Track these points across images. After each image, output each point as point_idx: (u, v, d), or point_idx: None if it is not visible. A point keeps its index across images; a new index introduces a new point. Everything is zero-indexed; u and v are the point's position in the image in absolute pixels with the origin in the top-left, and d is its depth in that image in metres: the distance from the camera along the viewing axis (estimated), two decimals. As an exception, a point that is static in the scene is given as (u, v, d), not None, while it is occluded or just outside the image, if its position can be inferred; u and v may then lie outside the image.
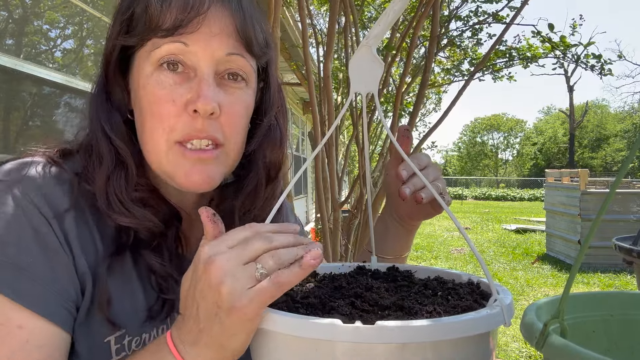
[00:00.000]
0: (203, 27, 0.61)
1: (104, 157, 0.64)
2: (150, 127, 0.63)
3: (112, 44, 0.65)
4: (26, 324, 0.55)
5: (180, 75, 0.63)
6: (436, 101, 8.99)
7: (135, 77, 0.65)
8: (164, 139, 0.62)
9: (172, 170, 0.64)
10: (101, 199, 0.62)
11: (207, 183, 0.65)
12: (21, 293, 0.55)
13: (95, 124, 0.65)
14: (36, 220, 0.58)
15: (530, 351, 3.82)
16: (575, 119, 38.19)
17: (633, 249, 1.16)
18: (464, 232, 0.51)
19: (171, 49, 0.61)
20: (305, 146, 11.64)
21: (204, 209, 0.51)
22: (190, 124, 0.62)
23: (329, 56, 2.26)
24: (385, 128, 1.12)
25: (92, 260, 0.62)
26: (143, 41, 0.63)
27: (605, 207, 0.39)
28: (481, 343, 0.47)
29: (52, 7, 2.50)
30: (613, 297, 0.59)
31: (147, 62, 0.63)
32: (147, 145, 0.64)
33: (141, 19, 0.62)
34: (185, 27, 0.60)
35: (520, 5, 2.56)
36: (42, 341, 0.55)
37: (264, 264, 0.47)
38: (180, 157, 0.63)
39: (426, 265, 6.61)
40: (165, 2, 0.61)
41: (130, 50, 0.65)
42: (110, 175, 0.63)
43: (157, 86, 0.62)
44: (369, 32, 0.59)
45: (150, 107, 0.62)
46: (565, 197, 7.25)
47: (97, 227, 0.64)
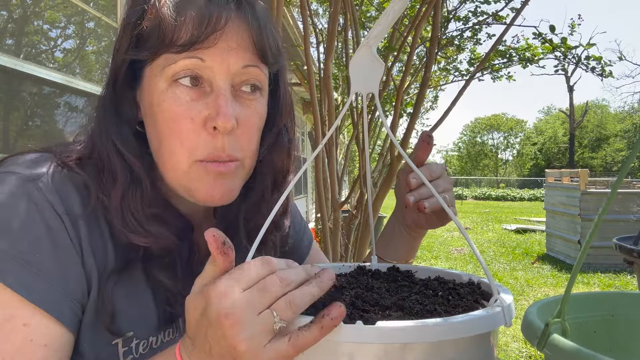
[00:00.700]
0: (220, 42, 0.60)
1: (117, 174, 0.62)
2: (170, 145, 0.61)
3: (121, 58, 0.63)
4: (32, 321, 0.54)
5: (197, 90, 0.61)
6: (432, 99, 9.00)
7: (147, 92, 0.63)
8: (185, 157, 0.61)
9: (193, 187, 0.63)
10: (117, 218, 0.61)
11: (227, 197, 0.65)
12: (29, 289, 0.54)
13: (105, 140, 0.63)
14: (49, 216, 0.57)
15: (530, 351, 3.82)
16: (575, 119, 38.20)
17: (633, 249, 1.15)
18: (465, 232, 0.51)
19: (187, 65, 0.60)
20: (305, 146, 11.64)
21: (212, 236, 0.46)
22: (211, 142, 0.61)
23: (329, 56, 2.26)
24: (385, 128, 1.12)
25: (102, 264, 0.61)
26: (155, 56, 0.61)
27: (606, 208, 0.39)
28: (482, 343, 0.47)
29: (52, 6, 2.50)
30: (614, 297, 0.59)
31: (161, 78, 0.61)
32: (166, 163, 0.63)
33: (153, 33, 0.60)
34: (202, 42, 0.59)
35: (520, 6, 2.56)
36: (46, 340, 0.55)
37: (281, 315, 0.44)
38: (203, 174, 0.62)
39: (426, 265, 6.61)
40: (180, 16, 0.59)
41: (139, 63, 0.63)
42: (124, 194, 0.62)
43: (174, 103, 0.60)
44: (369, 32, 0.59)
45: (168, 124, 0.61)
46: (565, 197, 7.25)
47: (111, 238, 0.63)
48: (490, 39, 3.75)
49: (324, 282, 0.47)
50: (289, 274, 0.47)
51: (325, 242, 2.44)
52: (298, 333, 0.44)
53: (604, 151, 44.56)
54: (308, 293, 0.46)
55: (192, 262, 0.69)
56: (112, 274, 0.61)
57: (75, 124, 2.46)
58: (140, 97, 0.66)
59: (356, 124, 2.83)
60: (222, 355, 0.45)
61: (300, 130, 11.12)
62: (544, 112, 56.65)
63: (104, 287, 0.61)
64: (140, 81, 0.64)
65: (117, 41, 0.64)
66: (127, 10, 0.64)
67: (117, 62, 0.64)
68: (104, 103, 0.65)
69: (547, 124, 52.19)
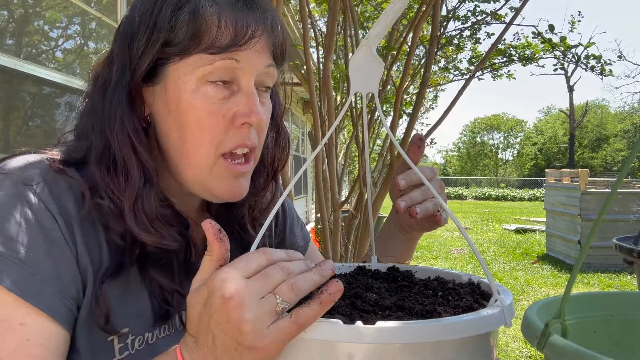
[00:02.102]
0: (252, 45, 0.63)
1: (132, 173, 0.62)
2: (197, 142, 0.63)
3: (148, 55, 0.62)
4: (28, 321, 0.55)
5: (227, 89, 0.64)
6: (432, 98, 9.01)
7: (172, 89, 0.63)
8: (212, 153, 0.64)
9: (215, 184, 0.66)
10: (129, 217, 0.61)
11: (241, 194, 0.68)
12: (25, 288, 0.54)
13: (123, 139, 0.62)
14: (42, 216, 0.57)
15: (530, 351, 3.82)
16: (575, 119, 38.21)
17: (633, 249, 1.15)
18: (464, 232, 0.51)
19: (223, 65, 0.62)
20: (305, 146, 11.64)
21: (209, 224, 0.49)
22: (238, 135, 0.64)
23: (329, 56, 2.26)
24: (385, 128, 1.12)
25: (97, 263, 0.61)
26: (187, 55, 0.61)
27: (606, 208, 0.39)
28: (482, 343, 0.47)
29: (52, 6, 2.50)
30: (614, 297, 0.59)
31: (191, 76, 0.62)
32: (190, 159, 0.64)
33: (189, 31, 0.60)
34: (241, 46, 0.62)
35: (519, 6, 2.56)
36: (42, 339, 0.55)
37: (283, 297, 0.46)
38: (224, 172, 0.65)
39: (426, 265, 6.61)
40: (222, 20, 0.61)
41: (162, 61, 0.63)
42: (139, 193, 0.62)
43: (207, 101, 0.62)
44: (368, 32, 0.59)
45: (199, 122, 0.62)
46: (565, 197, 7.25)
47: (105, 240, 0.63)
48: (489, 37, 3.76)
49: (324, 271, 0.48)
50: (289, 264, 0.48)
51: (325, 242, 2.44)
52: (299, 310, 0.45)
53: (604, 151, 44.57)
54: (310, 278, 0.47)
55: (188, 259, 0.70)
56: (106, 275, 0.62)
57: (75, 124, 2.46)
58: (154, 93, 0.65)
59: (356, 123, 2.83)
60: (226, 343, 0.46)
61: (300, 130, 11.12)
62: (544, 112, 56.68)
63: (98, 287, 0.61)
64: (160, 78, 0.64)
65: (136, 36, 0.63)
66: (148, 5, 0.63)
67: (142, 58, 0.62)
68: (119, 99, 0.63)
69: (547, 124, 52.20)
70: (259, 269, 0.47)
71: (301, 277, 0.47)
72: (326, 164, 2.37)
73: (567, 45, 3.22)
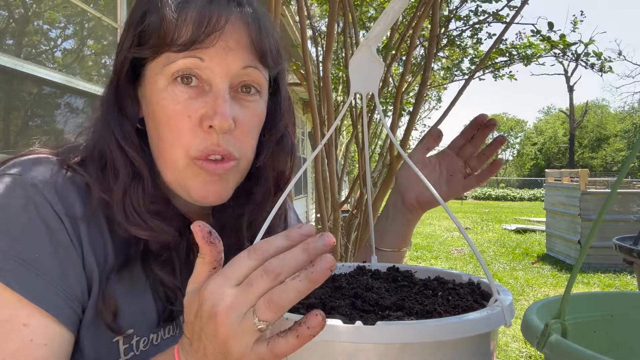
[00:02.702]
0: (219, 41, 0.60)
1: (119, 169, 0.63)
2: (168, 142, 0.63)
3: (123, 56, 0.64)
4: (31, 321, 0.54)
5: (195, 89, 0.62)
6: (436, 99, 9.01)
7: (148, 89, 0.64)
8: (182, 154, 0.62)
9: (189, 185, 0.64)
10: (118, 211, 0.62)
11: (220, 197, 0.66)
12: (29, 288, 0.54)
13: (108, 136, 0.64)
14: (48, 216, 0.57)
15: (530, 351, 3.82)
16: (575, 119, 38.21)
17: (633, 249, 1.15)
18: (464, 232, 0.51)
19: (186, 64, 0.61)
20: (305, 146, 11.64)
21: (198, 227, 0.45)
22: (206, 139, 0.62)
23: (328, 56, 2.26)
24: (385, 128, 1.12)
25: (102, 262, 0.62)
26: (156, 54, 0.62)
27: (606, 208, 0.39)
28: (482, 343, 0.47)
29: (52, 7, 2.50)
30: (614, 297, 0.59)
31: (161, 76, 0.62)
32: (165, 160, 0.64)
33: (155, 32, 0.61)
34: (202, 42, 0.60)
35: (520, 5, 2.56)
36: (46, 339, 0.55)
37: (259, 315, 0.41)
38: (198, 172, 0.63)
39: (426, 265, 6.61)
40: (181, 16, 0.60)
41: (142, 61, 0.64)
42: (127, 188, 0.63)
43: (172, 101, 0.61)
44: (368, 32, 0.59)
45: (168, 121, 0.62)
46: (565, 197, 7.25)
47: (110, 236, 0.63)
48: (491, 38, 3.76)
49: (315, 274, 0.40)
50: (275, 265, 0.41)
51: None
52: (276, 339, 0.42)
53: (604, 151, 44.56)
54: (292, 289, 0.41)
55: (190, 260, 0.70)
56: (112, 272, 0.62)
57: (75, 124, 2.46)
58: (141, 94, 0.67)
59: (356, 123, 2.83)
60: (215, 355, 0.44)
61: (300, 130, 11.12)
62: (544, 112, 56.65)
63: (104, 285, 0.61)
64: (142, 79, 0.65)
65: (121, 39, 0.66)
66: (132, 9, 0.65)
67: (120, 59, 0.65)
68: (107, 100, 0.66)
69: (547, 124, 52.19)
70: (248, 272, 0.42)
71: (279, 290, 0.41)
72: (326, 164, 2.37)
73: (567, 43, 3.21)
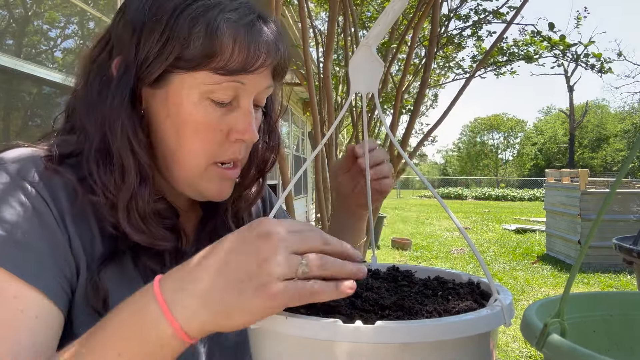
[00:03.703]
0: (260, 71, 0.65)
1: (128, 173, 0.62)
2: (192, 149, 0.65)
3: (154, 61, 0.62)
4: (22, 294, 0.55)
5: (228, 107, 0.66)
6: (432, 97, 9.01)
7: (173, 97, 0.63)
8: (205, 161, 0.66)
9: (204, 186, 0.69)
10: (122, 216, 0.62)
11: (225, 196, 0.72)
12: (18, 265, 0.55)
13: (122, 141, 0.62)
14: (35, 200, 0.58)
15: (530, 351, 3.83)
16: (575, 119, 38.21)
17: (633, 249, 1.15)
18: (464, 232, 0.51)
19: (230, 87, 0.63)
20: (305, 146, 11.64)
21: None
22: (230, 148, 0.67)
23: (329, 56, 2.26)
24: (385, 128, 1.13)
25: (89, 251, 0.62)
26: (197, 70, 0.62)
27: (605, 207, 0.39)
28: (481, 343, 0.47)
29: (52, 7, 2.50)
30: (613, 297, 0.59)
31: (195, 90, 0.63)
32: (183, 162, 0.66)
33: (202, 49, 0.60)
34: (250, 72, 0.63)
35: (520, 4, 2.56)
36: (37, 312, 0.55)
37: (309, 262, 0.45)
38: (214, 176, 0.68)
39: (426, 265, 6.60)
40: (238, 42, 0.61)
41: (169, 69, 0.63)
42: (134, 193, 0.63)
43: (206, 116, 0.64)
44: (368, 32, 0.59)
45: (197, 132, 0.64)
46: (565, 197, 7.25)
47: (99, 230, 0.64)
48: (491, 35, 3.76)
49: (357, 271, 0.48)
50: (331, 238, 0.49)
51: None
52: (317, 282, 0.45)
53: (604, 151, 44.56)
54: (338, 264, 0.46)
55: (179, 249, 0.70)
56: (102, 260, 0.63)
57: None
58: (154, 95, 0.65)
59: (355, 123, 2.83)
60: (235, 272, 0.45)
61: (300, 130, 11.12)
62: (544, 112, 56.66)
63: (94, 274, 0.62)
64: (163, 83, 0.63)
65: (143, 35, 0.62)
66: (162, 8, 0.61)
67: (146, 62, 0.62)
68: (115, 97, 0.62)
69: (547, 124, 52.20)
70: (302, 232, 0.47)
71: (334, 259, 0.46)
72: (326, 164, 2.37)
73: (567, 44, 3.21)
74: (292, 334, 0.45)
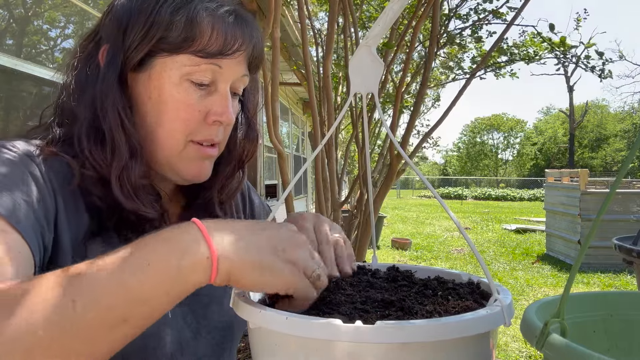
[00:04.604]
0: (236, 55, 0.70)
1: (119, 149, 0.67)
2: (171, 129, 0.70)
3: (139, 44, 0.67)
4: (8, 232, 0.55)
5: (205, 89, 0.70)
6: (434, 97, 9.02)
7: (156, 79, 0.69)
8: (183, 140, 0.71)
9: (182, 166, 0.72)
10: (115, 187, 0.67)
11: (206, 175, 0.75)
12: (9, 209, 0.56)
13: (113, 117, 0.67)
14: (31, 167, 0.62)
15: (530, 351, 3.83)
16: (575, 119, 38.18)
17: (633, 249, 1.16)
18: (464, 232, 0.51)
19: (208, 69, 0.69)
20: (305, 146, 11.64)
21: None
22: (208, 130, 0.71)
23: (329, 56, 2.26)
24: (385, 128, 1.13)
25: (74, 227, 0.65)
26: (177, 52, 0.67)
27: (605, 207, 0.39)
28: (481, 343, 0.47)
29: (52, 6, 2.50)
30: (613, 297, 0.59)
31: (176, 71, 0.68)
32: (161, 143, 0.71)
33: (183, 34, 0.66)
34: (226, 55, 0.69)
35: (520, 5, 2.56)
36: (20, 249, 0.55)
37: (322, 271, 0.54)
38: (193, 154, 0.72)
39: (426, 265, 6.60)
40: (216, 28, 0.68)
41: (151, 53, 0.68)
42: (125, 165, 0.67)
43: (186, 96, 0.69)
44: (368, 32, 0.59)
45: (177, 112, 0.69)
46: (565, 197, 7.25)
47: (85, 206, 0.67)
48: (491, 36, 3.76)
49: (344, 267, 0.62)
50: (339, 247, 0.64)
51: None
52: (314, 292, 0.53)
53: (604, 151, 44.57)
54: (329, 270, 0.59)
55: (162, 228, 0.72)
56: (88, 233, 0.66)
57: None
58: (137, 79, 0.70)
59: (355, 123, 2.83)
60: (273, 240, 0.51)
61: (300, 130, 11.12)
62: (544, 112, 56.66)
63: (81, 246, 0.65)
64: (145, 67, 0.69)
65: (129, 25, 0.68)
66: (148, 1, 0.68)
67: (131, 46, 0.68)
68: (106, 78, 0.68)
69: (547, 124, 52.19)
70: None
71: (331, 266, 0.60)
72: (326, 164, 2.38)
73: (568, 46, 3.22)
74: (292, 334, 0.45)
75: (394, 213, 16.06)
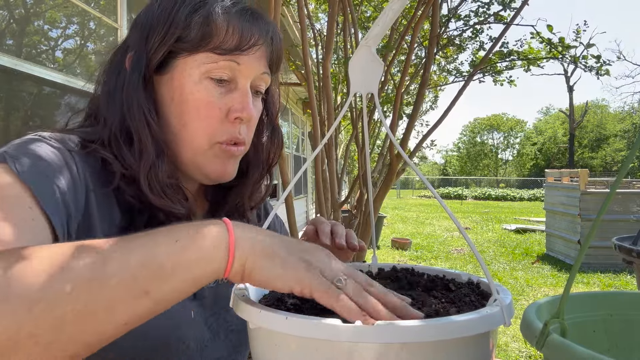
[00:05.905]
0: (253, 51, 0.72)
1: (147, 148, 0.69)
2: (195, 127, 0.72)
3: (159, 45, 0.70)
4: (35, 209, 0.56)
5: (226, 87, 0.72)
6: (432, 99, 9.03)
7: (178, 79, 0.71)
8: (207, 139, 0.72)
9: (208, 165, 0.74)
10: (144, 185, 0.68)
11: (231, 175, 0.77)
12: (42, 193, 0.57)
13: (139, 117, 0.70)
14: (68, 160, 0.64)
15: (530, 351, 3.83)
16: (575, 119, 38.18)
17: (633, 249, 1.16)
18: (464, 232, 0.51)
19: (226, 65, 0.70)
20: (305, 146, 11.64)
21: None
22: (231, 128, 0.73)
23: (328, 56, 2.26)
24: (385, 128, 1.13)
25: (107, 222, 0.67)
26: (196, 51, 0.70)
27: (605, 207, 0.39)
28: (481, 343, 0.47)
29: (52, 6, 2.50)
30: (613, 297, 0.59)
31: (196, 70, 0.70)
32: (186, 143, 0.73)
33: (200, 32, 0.69)
34: (243, 51, 0.70)
35: (520, 6, 2.56)
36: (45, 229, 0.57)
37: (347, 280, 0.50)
38: (219, 154, 0.73)
39: (426, 265, 6.58)
40: (231, 25, 0.70)
41: (173, 54, 0.71)
42: (153, 163, 0.69)
43: (207, 94, 0.71)
44: (368, 32, 0.59)
45: (198, 111, 0.71)
46: (565, 197, 7.25)
47: (117, 204, 0.69)
48: (492, 41, 3.75)
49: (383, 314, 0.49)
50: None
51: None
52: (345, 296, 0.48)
53: (603, 151, 44.58)
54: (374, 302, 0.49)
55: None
56: (119, 228, 0.68)
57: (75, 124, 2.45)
58: (161, 81, 0.72)
59: (355, 124, 2.83)
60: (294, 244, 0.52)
61: (300, 130, 11.12)
62: (544, 112, 56.67)
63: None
64: (168, 69, 0.72)
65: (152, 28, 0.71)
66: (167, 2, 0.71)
67: (152, 48, 0.70)
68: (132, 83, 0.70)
69: (547, 124, 52.20)
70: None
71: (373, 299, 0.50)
72: (326, 164, 2.38)
73: (567, 46, 3.22)
74: (292, 334, 0.45)
75: (394, 213, 16.07)
